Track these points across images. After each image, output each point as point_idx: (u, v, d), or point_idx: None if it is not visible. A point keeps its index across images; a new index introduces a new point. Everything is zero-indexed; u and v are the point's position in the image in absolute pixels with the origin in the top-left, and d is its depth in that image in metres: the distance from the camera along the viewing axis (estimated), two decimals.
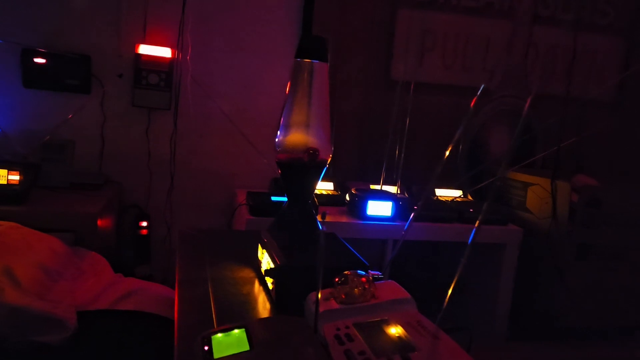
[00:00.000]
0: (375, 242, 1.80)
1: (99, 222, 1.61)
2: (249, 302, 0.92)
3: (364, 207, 1.77)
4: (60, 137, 1.91)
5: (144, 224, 2.06)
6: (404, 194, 2.10)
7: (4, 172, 1.54)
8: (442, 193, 2.16)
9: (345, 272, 0.86)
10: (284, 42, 2.09)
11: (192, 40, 1.97)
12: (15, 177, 1.55)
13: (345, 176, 2.13)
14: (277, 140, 1.29)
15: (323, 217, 0.87)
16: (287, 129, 1.29)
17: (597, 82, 2.37)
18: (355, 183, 2.08)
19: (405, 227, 1.05)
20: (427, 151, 2.28)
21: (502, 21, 2.26)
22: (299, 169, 1.29)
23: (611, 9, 2.34)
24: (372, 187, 2.08)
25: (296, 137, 1.28)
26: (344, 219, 1.79)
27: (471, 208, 1.90)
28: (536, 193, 1.97)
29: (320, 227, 1.34)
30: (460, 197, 2.13)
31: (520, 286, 1.91)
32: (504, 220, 1.91)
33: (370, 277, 0.86)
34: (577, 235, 1.82)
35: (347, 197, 1.87)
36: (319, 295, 0.75)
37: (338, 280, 0.81)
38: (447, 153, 0.96)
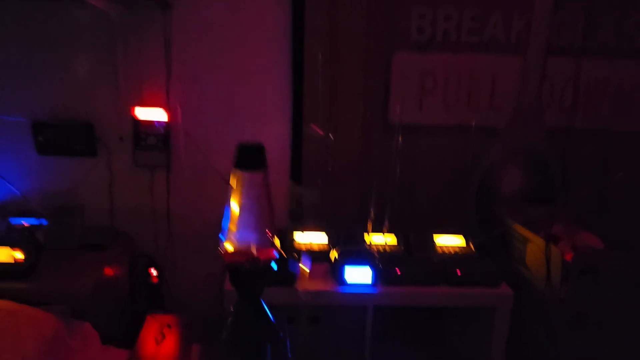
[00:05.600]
0: (357, 309, 1.81)
1: (95, 291, 1.76)
2: None
3: (341, 274, 1.78)
4: (74, 197, 2.10)
5: (154, 272, 2.21)
6: (400, 245, 2.07)
7: (8, 250, 1.73)
8: (444, 241, 2.10)
9: None
10: (274, 98, 2.11)
11: (181, 101, 2.06)
12: (19, 255, 1.74)
13: (343, 227, 2.13)
14: (220, 245, 1.35)
15: None
16: (227, 235, 1.34)
17: (627, 113, 2.15)
18: (353, 234, 2.08)
19: None
20: (430, 196, 2.22)
21: (509, 56, 2.11)
22: (242, 274, 1.35)
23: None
24: (367, 236, 2.07)
25: (236, 243, 1.33)
26: (322, 285, 1.81)
27: (459, 268, 1.84)
28: (534, 251, 1.87)
29: (273, 320, 1.40)
30: (461, 246, 2.07)
31: (514, 352, 1.85)
32: (495, 282, 1.84)
33: None
34: (571, 303, 1.72)
35: (331, 257, 1.89)
36: None
37: None
38: None
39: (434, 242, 2.09)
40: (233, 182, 1.31)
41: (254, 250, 1.31)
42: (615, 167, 2.07)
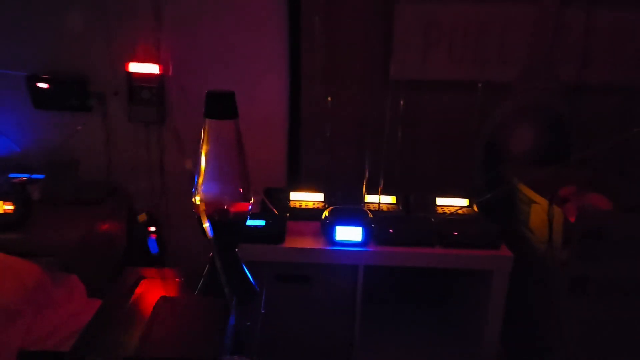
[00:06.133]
0: (347, 268, 1.75)
1: (83, 244, 1.77)
2: None
3: (332, 232, 1.72)
4: (70, 152, 2.09)
5: (152, 229, 2.21)
6: (399, 206, 2.00)
7: None
8: (446, 202, 2.01)
9: None
10: (270, 52, 2.03)
11: (174, 55, 2.00)
12: (9, 207, 1.75)
13: (342, 187, 2.06)
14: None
15: None
16: (196, 188, 1.30)
17: None
18: (351, 194, 2.01)
19: None
20: (435, 156, 2.13)
21: (521, 4, 1.95)
22: (212, 226, 1.30)
23: None
24: (367, 198, 2.00)
25: (206, 196, 1.28)
26: (312, 243, 1.75)
27: (456, 229, 1.75)
28: (538, 212, 1.76)
29: (251, 278, 1.36)
30: (463, 207, 1.97)
31: (512, 315, 1.77)
32: (494, 244, 1.74)
33: None
34: (572, 267, 1.61)
35: (322, 216, 1.82)
36: None
37: None
38: None
39: (435, 203, 2.01)
40: (202, 132, 1.26)
41: (222, 202, 1.26)
42: (634, 125, 1.91)
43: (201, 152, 1.28)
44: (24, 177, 2.04)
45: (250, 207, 1.29)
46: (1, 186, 1.91)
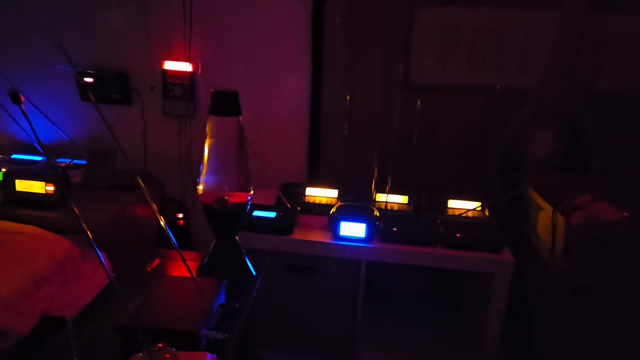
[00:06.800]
0: (351, 262, 1.83)
1: (112, 224, 1.94)
2: None
3: (336, 228, 1.80)
4: (111, 142, 2.28)
5: (180, 215, 2.37)
6: (410, 206, 2.05)
7: (42, 184, 1.94)
8: (457, 205, 2.04)
9: (159, 345, 1.01)
10: (293, 49, 2.14)
11: (204, 55, 2.15)
12: (50, 188, 1.94)
13: (358, 185, 2.13)
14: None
15: None
16: (201, 177, 1.42)
17: None
18: (364, 192, 2.08)
19: None
20: (451, 160, 2.16)
21: (543, 11, 1.95)
22: (213, 214, 1.42)
23: None
24: (378, 197, 2.07)
25: (208, 185, 1.40)
26: (319, 236, 1.84)
27: (460, 231, 1.79)
28: (544, 219, 1.76)
29: (249, 264, 1.46)
30: (473, 210, 2.00)
31: (515, 318, 1.78)
32: (496, 247, 1.76)
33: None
34: (572, 274, 1.61)
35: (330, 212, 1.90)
36: None
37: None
38: None
39: (446, 205, 2.04)
40: (208, 127, 1.37)
41: (222, 192, 1.37)
42: None
43: (205, 146, 1.39)
44: (66, 162, 2.25)
45: (249, 198, 1.40)
46: (45, 169, 2.12)
